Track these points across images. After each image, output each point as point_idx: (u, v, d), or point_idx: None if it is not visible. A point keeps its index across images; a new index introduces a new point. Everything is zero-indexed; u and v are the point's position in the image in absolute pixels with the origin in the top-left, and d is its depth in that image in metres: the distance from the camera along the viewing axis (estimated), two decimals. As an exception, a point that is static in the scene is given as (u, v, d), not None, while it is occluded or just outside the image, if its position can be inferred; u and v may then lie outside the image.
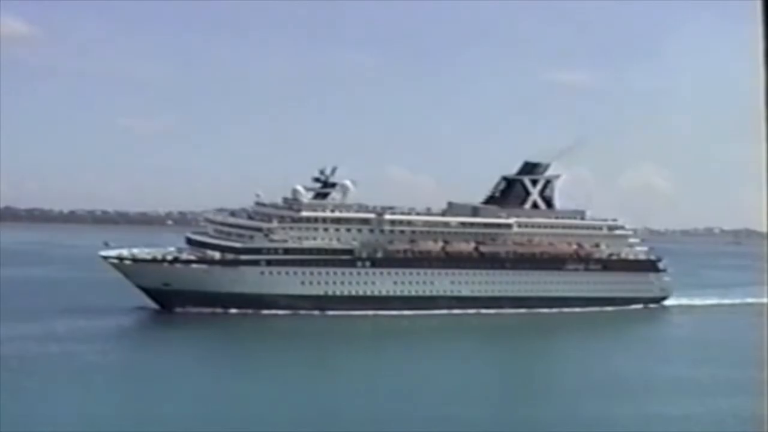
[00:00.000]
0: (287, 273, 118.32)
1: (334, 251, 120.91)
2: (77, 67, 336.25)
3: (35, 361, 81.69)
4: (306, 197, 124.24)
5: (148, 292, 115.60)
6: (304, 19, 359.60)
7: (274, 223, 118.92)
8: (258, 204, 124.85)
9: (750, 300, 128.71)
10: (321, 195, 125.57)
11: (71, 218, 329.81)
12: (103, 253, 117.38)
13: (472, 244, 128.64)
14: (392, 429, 63.10)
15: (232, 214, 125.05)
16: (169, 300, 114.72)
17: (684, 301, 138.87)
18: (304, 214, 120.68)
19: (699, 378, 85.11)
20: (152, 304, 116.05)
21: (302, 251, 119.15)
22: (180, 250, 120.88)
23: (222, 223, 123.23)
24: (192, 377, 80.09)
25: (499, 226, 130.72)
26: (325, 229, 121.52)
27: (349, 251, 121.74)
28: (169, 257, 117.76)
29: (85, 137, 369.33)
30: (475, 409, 69.39)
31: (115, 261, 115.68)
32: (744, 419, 58.90)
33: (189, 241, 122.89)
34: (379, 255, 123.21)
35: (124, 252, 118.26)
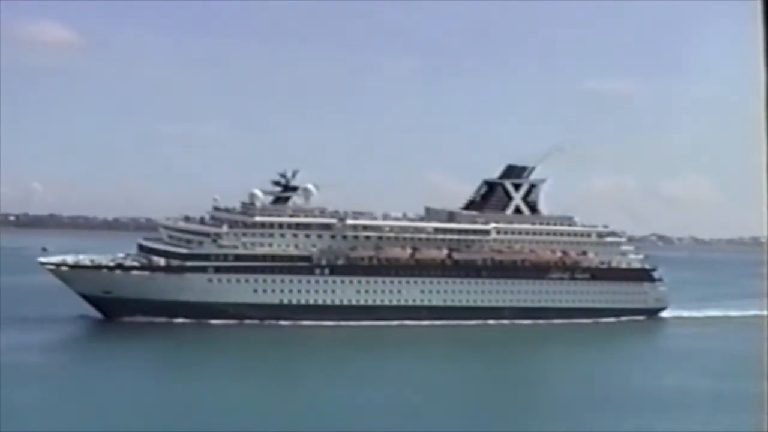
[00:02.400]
0: (238, 280, 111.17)
1: (291, 258, 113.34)
2: (120, 74, 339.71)
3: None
4: (264, 201, 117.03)
5: (90, 300, 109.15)
6: (339, 24, 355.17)
7: (224, 229, 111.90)
8: (215, 209, 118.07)
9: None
10: (282, 199, 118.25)
11: (114, 225, 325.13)
12: (41, 259, 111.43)
13: (445, 251, 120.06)
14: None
15: (186, 219, 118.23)
16: (112, 308, 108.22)
17: (684, 313, 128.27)
18: (258, 219, 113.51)
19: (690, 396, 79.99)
20: (95, 313, 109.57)
21: (255, 258, 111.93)
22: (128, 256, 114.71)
23: (174, 229, 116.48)
24: (125, 394, 74.02)
25: (475, 232, 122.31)
26: (282, 235, 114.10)
27: (307, 258, 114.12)
28: (112, 263, 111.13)
29: (128, 144, 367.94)
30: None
31: (53, 267, 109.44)
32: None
33: (140, 247, 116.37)
34: (340, 262, 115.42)
35: (69, 258, 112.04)
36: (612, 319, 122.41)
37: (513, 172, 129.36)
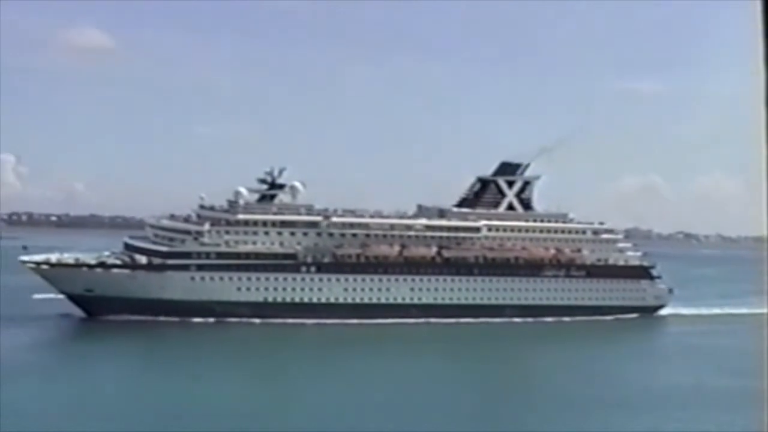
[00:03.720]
0: (221, 278, 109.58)
1: (275, 256, 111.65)
2: (156, 77, 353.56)
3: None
4: (248, 199, 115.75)
5: (72, 298, 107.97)
6: (378, 27, 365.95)
7: (206, 227, 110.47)
8: (201, 207, 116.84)
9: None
10: (267, 197, 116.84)
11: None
12: (23, 257, 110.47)
13: (434, 249, 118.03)
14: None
15: (172, 217, 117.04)
16: (94, 307, 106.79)
17: (684, 310, 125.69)
18: (241, 217, 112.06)
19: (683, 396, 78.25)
20: (78, 311, 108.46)
21: (238, 256, 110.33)
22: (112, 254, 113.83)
23: (159, 227, 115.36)
24: (105, 392, 72.90)
25: (465, 229, 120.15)
26: (266, 233, 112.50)
27: (292, 256, 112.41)
28: (93, 261, 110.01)
29: (165, 145, 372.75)
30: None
31: (33, 266, 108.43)
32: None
33: (126, 246, 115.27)
34: (326, 260, 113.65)
35: (52, 257, 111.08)
36: (609, 317, 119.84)
37: (507, 169, 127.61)
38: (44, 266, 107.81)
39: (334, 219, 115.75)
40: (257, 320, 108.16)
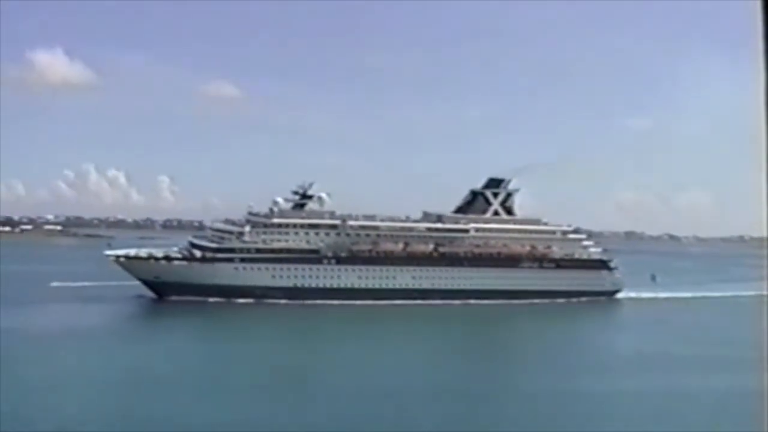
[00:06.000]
0: (258, 268, 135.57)
1: (302, 251, 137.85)
2: (272, 120, 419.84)
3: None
4: (284, 207, 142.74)
5: (145, 283, 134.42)
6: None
7: (247, 228, 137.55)
8: (249, 213, 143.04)
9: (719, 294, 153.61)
10: (299, 205, 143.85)
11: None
12: (107, 252, 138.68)
13: (432, 246, 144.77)
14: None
15: (226, 221, 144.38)
16: (161, 290, 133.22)
17: (633, 294, 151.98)
18: (275, 220, 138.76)
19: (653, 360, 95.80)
20: (150, 293, 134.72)
21: (272, 251, 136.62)
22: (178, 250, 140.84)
23: (214, 229, 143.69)
24: (175, 351, 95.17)
25: (457, 230, 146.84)
26: (296, 233, 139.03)
27: (316, 251, 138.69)
28: (160, 255, 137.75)
29: (281, 174, 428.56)
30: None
31: (114, 258, 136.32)
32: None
33: (190, 243, 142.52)
34: (344, 254, 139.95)
35: (131, 251, 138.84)
36: (575, 300, 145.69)
37: (493, 183, 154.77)
38: (122, 259, 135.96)
39: (350, 222, 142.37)
40: (288, 301, 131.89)
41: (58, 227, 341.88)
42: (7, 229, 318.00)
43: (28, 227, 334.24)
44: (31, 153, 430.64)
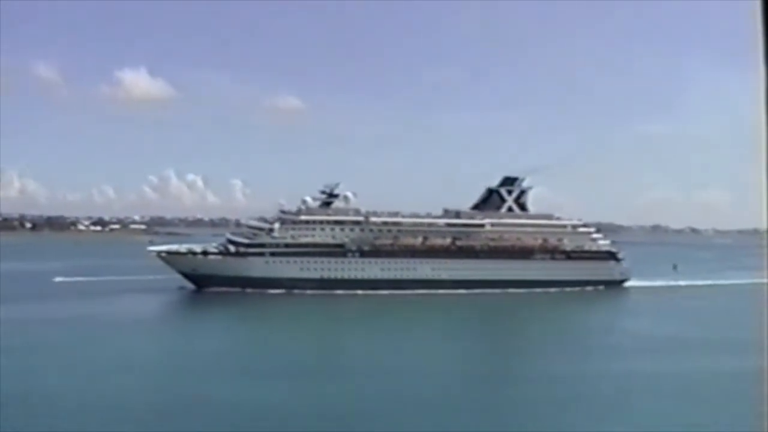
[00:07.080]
0: (287, 261, 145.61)
1: (328, 245, 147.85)
2: (336, 131, 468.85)
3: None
4: (312, 205, 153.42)
5: (185, 275, 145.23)
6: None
7: (276, 225, 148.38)
8: (281, 211, 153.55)
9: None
10: (326, 204, 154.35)
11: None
12: (150, 248, 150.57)
13: (449, 239, 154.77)
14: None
15: (260, 219, 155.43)
16: (200, 282, 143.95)
17: (639, 282, 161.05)
18: (303, 217, 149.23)
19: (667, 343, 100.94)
20: (190, 285, 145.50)
21: (300, 245, 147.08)
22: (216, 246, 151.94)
23: (248, 226, 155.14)
24: (214, 334, 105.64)
25: (473, 225, 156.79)
26: (322, 229, 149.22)
27: (341, 245, 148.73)
28: (198, 250, 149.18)
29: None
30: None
31: (156, 254, 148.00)
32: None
33: (228, 240, 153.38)
34: (367, 248, 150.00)
35: (173, 247, 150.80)
36: (584, 289, 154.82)
37: (507, 181, 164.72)
38: (163, 254, 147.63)
39: (373, 219, 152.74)
40: (315, 292, 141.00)
41: (143, 226, 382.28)
42: (99, 228, 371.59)
43: (116, 227, 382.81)
44: (119, 161, 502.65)
